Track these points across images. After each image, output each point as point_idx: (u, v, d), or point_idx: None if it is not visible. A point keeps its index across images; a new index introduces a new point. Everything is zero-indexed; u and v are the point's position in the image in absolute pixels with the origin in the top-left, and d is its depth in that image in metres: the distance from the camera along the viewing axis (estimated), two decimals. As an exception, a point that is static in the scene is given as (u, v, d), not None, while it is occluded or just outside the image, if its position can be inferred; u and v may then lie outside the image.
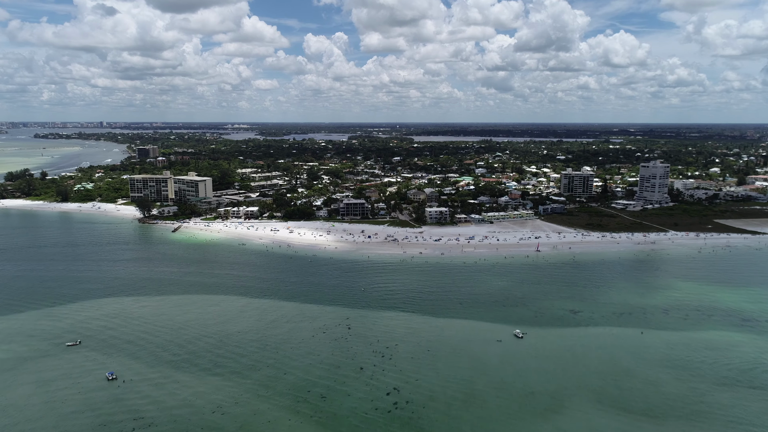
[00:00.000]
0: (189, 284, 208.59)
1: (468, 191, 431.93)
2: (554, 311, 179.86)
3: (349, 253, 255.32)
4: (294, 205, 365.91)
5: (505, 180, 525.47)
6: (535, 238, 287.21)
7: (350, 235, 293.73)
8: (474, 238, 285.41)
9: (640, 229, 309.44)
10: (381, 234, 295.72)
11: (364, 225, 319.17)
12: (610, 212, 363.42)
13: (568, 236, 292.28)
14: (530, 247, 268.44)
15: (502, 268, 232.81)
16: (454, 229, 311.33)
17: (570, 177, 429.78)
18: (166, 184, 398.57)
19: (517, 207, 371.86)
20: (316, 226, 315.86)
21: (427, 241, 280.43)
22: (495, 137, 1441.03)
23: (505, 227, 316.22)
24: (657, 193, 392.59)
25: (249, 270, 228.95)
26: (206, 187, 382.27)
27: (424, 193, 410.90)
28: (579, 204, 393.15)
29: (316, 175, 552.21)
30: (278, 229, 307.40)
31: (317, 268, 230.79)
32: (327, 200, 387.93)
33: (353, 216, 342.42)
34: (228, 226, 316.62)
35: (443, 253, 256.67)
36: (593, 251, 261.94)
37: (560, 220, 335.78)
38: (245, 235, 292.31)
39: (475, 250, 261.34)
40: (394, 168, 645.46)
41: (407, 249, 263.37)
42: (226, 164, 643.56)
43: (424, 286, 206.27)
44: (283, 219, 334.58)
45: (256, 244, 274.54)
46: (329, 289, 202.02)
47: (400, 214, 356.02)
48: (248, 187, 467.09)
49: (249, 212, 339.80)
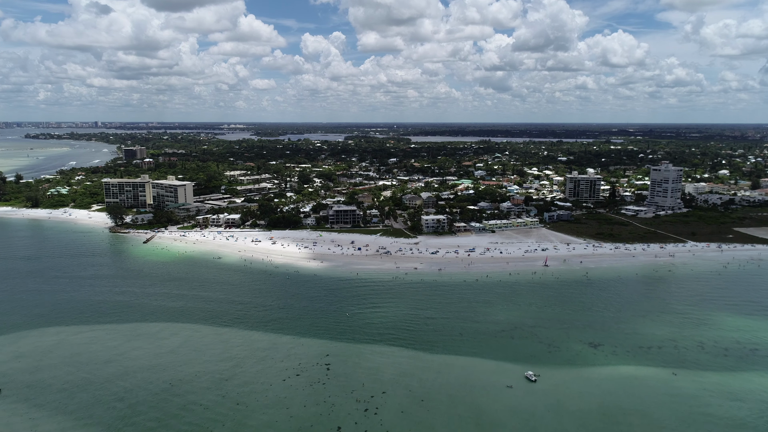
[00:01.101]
0: (148, 309, 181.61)
1: (467, 196, 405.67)
2: (571, 344, 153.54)
3: (336, 269, 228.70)
4: (280, 212, 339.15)
5: (506, 183, 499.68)
6: (542, 250, 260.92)
7: (338, 246, 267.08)
8: (475, 251, 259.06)
9: (656, 240, 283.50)
10: (372, 245, 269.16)
11: (355, 235, 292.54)
12: (620, 219, 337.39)
13: (578, 248, 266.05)
14: (537, 260, 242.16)
15: (507, 287, 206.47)
16: (452, 239, 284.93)
17: (576, 181, 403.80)
18: (144, 189, 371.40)
19: (521, 214, 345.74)
20: (302, 236, 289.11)
21: (423, 254, 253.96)
22: (493, 137, 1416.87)
23: (509, 237, 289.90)
24: (670, 198, 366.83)
25: (220, 290, 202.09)
26: (186, 192, 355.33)
27: (420, 198, 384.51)
28: (586, 210, 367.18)
29: (307, 178, 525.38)
30: (260, 239, 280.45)
31: (298, 288, 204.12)
32: (316, 206, 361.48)
33: (343, 224, 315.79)
34: (205, 236, 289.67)
35: (441, 268, 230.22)
36: (607, 266, 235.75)
37: (568, 228, 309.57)
38: (223, 247, 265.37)
39: (476, 265, 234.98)
40: (390, 170, 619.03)
41: (401, 263, 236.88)
42: (214, 166, 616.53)
43: (419, 311, 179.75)
44: (267, 228, 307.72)
45: (233, 257, 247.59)
46: (310, 315, 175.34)
47: (394, 221, 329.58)
48: (234, 191, 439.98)
49: (230, 220, 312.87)
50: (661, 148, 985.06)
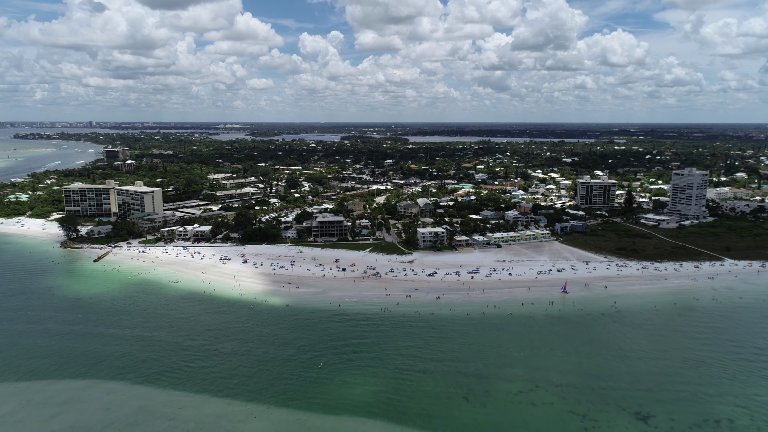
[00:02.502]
0: (65, 359, 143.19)
1: (468, 203, 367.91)
2: (612, 416, 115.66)
3: (314, 298, 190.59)
4: (257, 222, 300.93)
5: (510, 187, 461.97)
6: (558, 270, 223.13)
7: (320, 266, 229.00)
8: (479, 271, 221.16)
9: (687, 256, 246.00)
10: (360, 264, 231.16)
11: (341, 251, 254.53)
12: (640, 230, 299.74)
13: (599, 267, 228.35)
14: (554, 285, 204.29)
15: (520, 322, 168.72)
16: (453, 256, 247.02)
17: (588, 186, 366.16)
18: (108, 196, 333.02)
19: (529, 224, 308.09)
20: (280, 252, 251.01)
21: (419, 276, 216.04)
22: (492, 137, 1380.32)
23: (517, 253, 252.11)
24: (694, 206, 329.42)
25: (167, 329, 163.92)
26: (154, 200, 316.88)
27: (416, 206, 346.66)
28: (601, 219, 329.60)
29: (295, 182, 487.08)
30: (229, 257, 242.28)
31: (264, 325, 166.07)
32: (300, 215, 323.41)
33: (329, 237, 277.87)
34: (168, 252, 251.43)
35: (440, 296, 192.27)
36: (637, 292, 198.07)
37: (583, 242, 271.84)
38: (184, 268, 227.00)
39: (481, 292, 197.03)
40: (386, 173, 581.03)
41: (393, 289, 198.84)
42: (197, 169, 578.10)
43: (412, 360, 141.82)
44: (241, 241, 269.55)
45: (193, 281, 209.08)
46: (272, 369, 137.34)
47: (386, 233, 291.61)
48: (213, 197, 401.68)
49: (199, 233, 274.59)
50: (666, 148, 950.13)
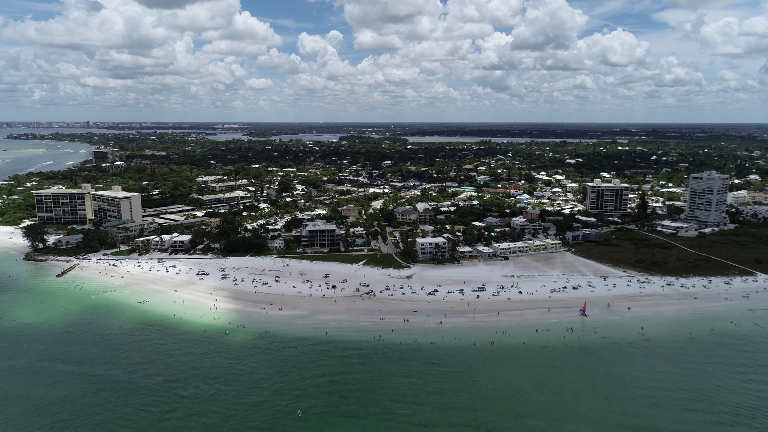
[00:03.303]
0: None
1: (471, 208, 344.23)
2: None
3: (298, 322, 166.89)
4: (243, 230, 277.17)
5: (514, 191, 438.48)
6: (573, 288, 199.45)
7: (307, 283, 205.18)
8: (485, 289, 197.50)
9: (713, 270, 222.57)
10: (352, 280, 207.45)
11: (331, 264, 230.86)
12: (658, 240, 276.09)
13: (619, 283, 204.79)
14: (571, 307, 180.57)
15: (536, 355, 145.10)
16: (455, 270, 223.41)
17: (599, 190, 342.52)
18: (83, 202, 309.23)
19: (537, 232, 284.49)
20: (264, 266, 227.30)
21: (418, 296, 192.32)
22: (493, 138, 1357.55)
23: (526, 266, 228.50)
24: (714, 212, 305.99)
25: (118, 364, 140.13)
26: (132, 206, 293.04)
27: (415, 212, 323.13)
28: (614, 227, 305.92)
29: (288, 185, 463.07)
30: (208, 271, 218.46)
31: (235, 358, 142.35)
32: (290, 222, 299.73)
33: (319, 247, 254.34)
34: (142, 265, 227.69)
35: (441, 320, 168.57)
36: (666, 315, 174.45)
37: (598, 253, 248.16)
38: (156, 285, 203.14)
39: (488, 315, 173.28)
40: (384, 175, 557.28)
41: (388, 312, 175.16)
42: (187, 171, 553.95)
43: (409, 406, 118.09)
44: (223, 253, 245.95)
45: (163, 302, 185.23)
46: (237, 415, 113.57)
47: (383, 243, 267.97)
48: (199, 202, 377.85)
49: (177, 243, 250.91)
50: (671, 149, 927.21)
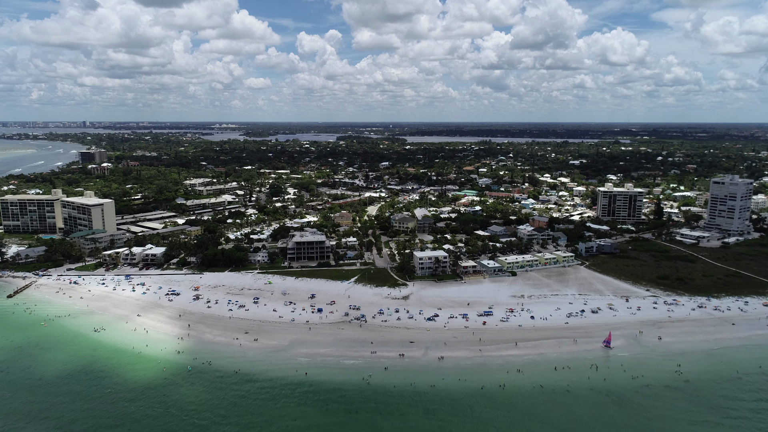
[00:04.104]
0: None
1: (473, 215, 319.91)
2: None
3: (275, 357, 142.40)
4: (223, 242, 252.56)
5: (518, 195, 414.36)
6: (592, 311, 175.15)
7: (290, 305, 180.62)
8: (492, 313, 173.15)
9: (747, 287, 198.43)
10: (341, 302, 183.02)
11: (320, 281, 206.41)
12: (679, 251, 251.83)
13: (644, 306, 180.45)
14: (591, 335, 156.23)
15: (556, 404, 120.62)
16: (458, 289, 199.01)
17: (611, 196, 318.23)
18: (53, 209, 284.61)
19: (546, 242, 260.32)
20: (244, 284, 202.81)
21: (416, 321, 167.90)
22: (493, 137, 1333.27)
23: (537, 284, 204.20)
24: (737, 219, 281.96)
25: (39, 421, 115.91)
26: (103, 214, 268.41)
27: (413, 219, 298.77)
28: (629, 236, 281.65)
29: (279, 189, 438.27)
30: (179, 290, 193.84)
31: (194, 410, 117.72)
32: (278, 231, 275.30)
33: (307, 261, 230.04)
34: (106, 283, 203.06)
35: (442, 355, 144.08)
36: (703, 347, 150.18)
37: (616, 268, 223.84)
38: (119, 307, 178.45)
39: (497, 348, 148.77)
40: (381, 177, 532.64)
41: (380, 343, 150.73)
42: (175, 173, 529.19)
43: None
44: (200, 268, 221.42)
45: (121, 331, 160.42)
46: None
47: (377, 255, 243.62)
48: (182, 207, 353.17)
49: (148, 257, 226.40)
50: (675, 149, 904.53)
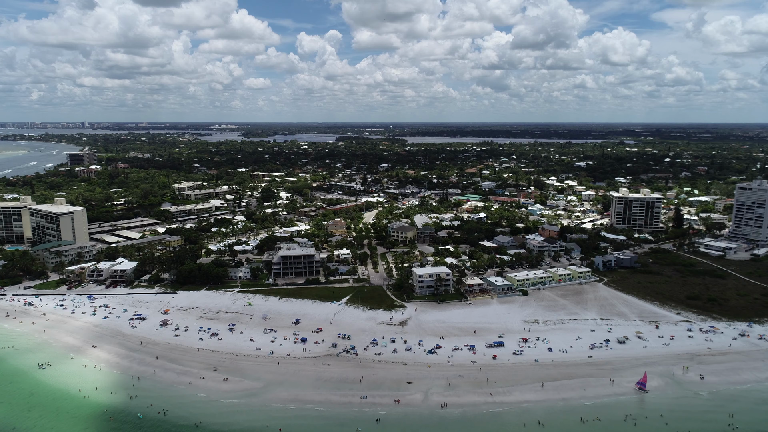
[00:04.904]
0: None
1: (477, 223, 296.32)
2: None
3: (244, 404, 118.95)
4: (202, 255, 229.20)
5: (524, 199, 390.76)
6: (618, 342, 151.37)
7: (269, 333, 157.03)
8: (503, 343, 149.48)
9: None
10: (329, 329, 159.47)
11: (306, 302, 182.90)
12: (706, 264, 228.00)
13: (677, 333, 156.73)
14: (620, 372, 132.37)
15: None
16: (462, 312, 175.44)
17: (626, 202, 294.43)
18: (20, 217, 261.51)
19: (558, 255, 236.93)
20: (221, 305, 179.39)
21: (415, 354, 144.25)
22: (494, 138, 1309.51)
23: (552, 306, 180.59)
24: (766, 228, 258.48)
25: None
26: (73, 223, 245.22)
27: (413, 228, 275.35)
28: (648, 246, 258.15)
29: (271, 193, 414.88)
30: (145, 315, 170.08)
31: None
32: (265, 242, 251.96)
33: (294, 277, 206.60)
34: (65, 304, 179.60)
35: (446, 401, 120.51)
36: (756, 390, 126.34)
37: (638, 286, 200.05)
38: (72, 336, 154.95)
39: (510, 389, 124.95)
40: (379, 180, 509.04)
41: (372, 383, 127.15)
42: (163, 177, 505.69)
43: None
44: (174, 285, 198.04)
45: (68, 369, 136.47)
46: None
47: (373, 269, 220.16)
48: (165, 214, 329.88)
49: (117, 273, 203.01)
50: (682, 150, 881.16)
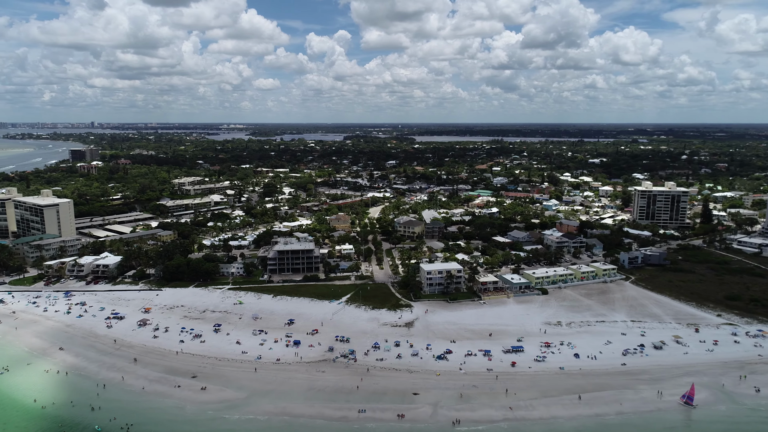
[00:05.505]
0: None
1: (489, 218, 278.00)
2: None
3: (225, 417, 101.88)
4: (194, 250, 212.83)
5: (538, 195, 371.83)
6: (655, 347, 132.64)
7: (259, 334, 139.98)
8: (523, 348, 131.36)
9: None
10: (326, 331, 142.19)
11: (303, 300, 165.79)
12: (741, 262, 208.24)
13: (721, 338, 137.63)
14: (660, 382, 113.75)
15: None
16: (475, 312, 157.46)
17: (650, 196, 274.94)
18: (4, 209, 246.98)
19: (579, 251, 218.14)
20: (208, 304, 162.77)
21: (422, 360, 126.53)
22: (504, 137, 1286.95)
23: (576, 306, 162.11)
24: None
25: None
26: (59, 216, 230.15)
27: (421, 223, 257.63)
28: (675, 242, 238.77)
29: (274, 188, 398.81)
30: (123, 313, 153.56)
31: None
32: (262, 236, 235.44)
33: (291, 273, 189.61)
34: (38, 302, 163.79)
35: (458, 417, 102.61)
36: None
37: (670, 285, 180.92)
38: (39, 337, 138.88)
39: (533, 404, 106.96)
40: (386, 176, 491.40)
41: (371, 394, 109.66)
42: (164, 172, 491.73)
43: None
44: (160, 282, 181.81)
45: (28, 376, 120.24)
46: None
47: (377, 266, 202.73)
48: (161, 208, 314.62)
49: (99, 269, 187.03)
50: (698, 148, 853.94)
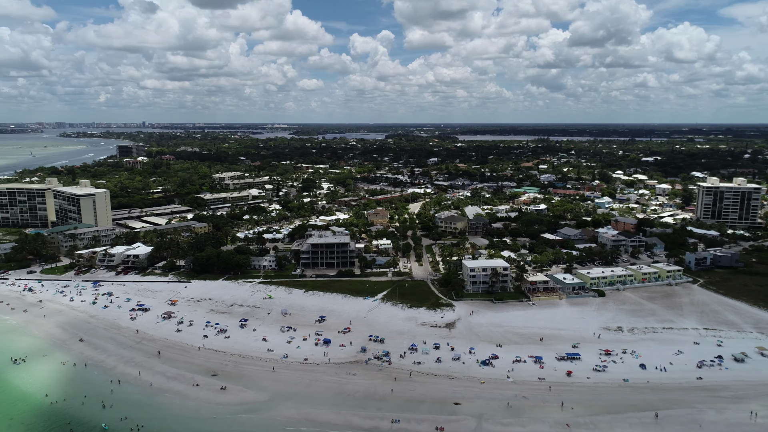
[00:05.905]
0: None
1: (537, 215, 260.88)
2: None
3: (238, 423, 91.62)
4: (227, 242, 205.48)
5: (590, 193, 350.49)
6: (736, 360, 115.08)
7: (287, 331, 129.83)
8: (579, 356, 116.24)
9: None
10: (359, 329, 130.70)
11: (336, 296, 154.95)
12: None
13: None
14: (744, 402, 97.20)
15: None
16: (524, 314, 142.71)
17: (717, 193, 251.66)
18: (44, 200, 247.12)
19: (637, 250, 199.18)
20: (237, 297, 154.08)
21: (464, 365, 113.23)
22: (550, 137, 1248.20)
23: (637, 310, 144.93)
24: None
25: None
26: (95, 205, 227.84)
27: (463, 219, 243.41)
28: (746, 243, 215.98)
29: (312, 183, 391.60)
30: (148, 305, 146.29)
31: None
32: (297, 230, 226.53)
33: (325, 268, 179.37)
34: (66, 291, 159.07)
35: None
36: None
37: (746, 289, 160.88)
38: (62, 327, 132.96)
39: (596, 421, 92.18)
40: (428, 173, 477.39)
41: (407, 404, 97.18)
42: (205, 167, 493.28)
43: None
44: (190, 274, 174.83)
45: (44, 368, 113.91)
46: None
47: (416, 263, 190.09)
48: (198, 201, 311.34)
49: (129, 259, 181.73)
50: (761, 147, 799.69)
